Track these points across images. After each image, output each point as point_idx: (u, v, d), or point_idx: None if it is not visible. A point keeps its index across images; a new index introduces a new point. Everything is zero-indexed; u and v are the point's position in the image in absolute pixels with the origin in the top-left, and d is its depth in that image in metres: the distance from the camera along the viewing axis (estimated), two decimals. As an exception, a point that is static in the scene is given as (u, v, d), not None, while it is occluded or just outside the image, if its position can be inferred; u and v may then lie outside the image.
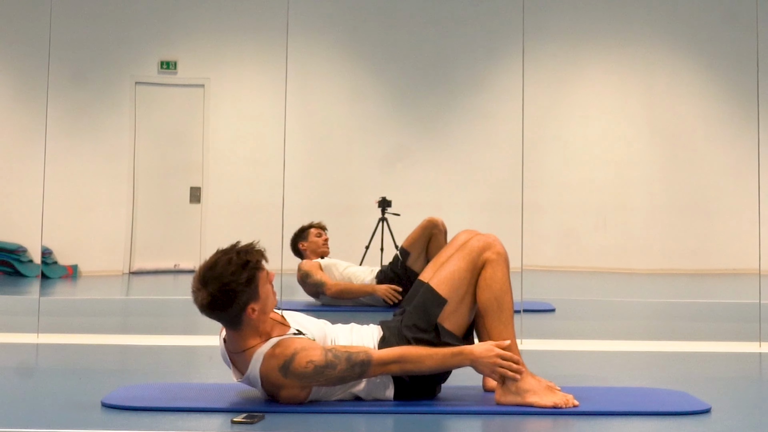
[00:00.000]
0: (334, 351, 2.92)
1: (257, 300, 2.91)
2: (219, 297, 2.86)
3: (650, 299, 7.36)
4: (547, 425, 2.84)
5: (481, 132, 8.93)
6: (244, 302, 2.88)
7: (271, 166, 6.77)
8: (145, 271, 8.74)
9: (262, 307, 2.93)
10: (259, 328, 2.95)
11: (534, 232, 5.93)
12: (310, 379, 2.89)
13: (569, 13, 9.20)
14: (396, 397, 3.03)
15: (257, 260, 2.94)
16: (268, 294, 2.96)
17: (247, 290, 2.88)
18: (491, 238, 3.14)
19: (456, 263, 3.09)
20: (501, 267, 3.08)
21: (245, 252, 2.95)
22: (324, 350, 2.91)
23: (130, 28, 8.95)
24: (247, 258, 2.92)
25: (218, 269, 2.88)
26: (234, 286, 2.86)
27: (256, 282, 2.91)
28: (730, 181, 8.98)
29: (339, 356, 2.90)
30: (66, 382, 3.60)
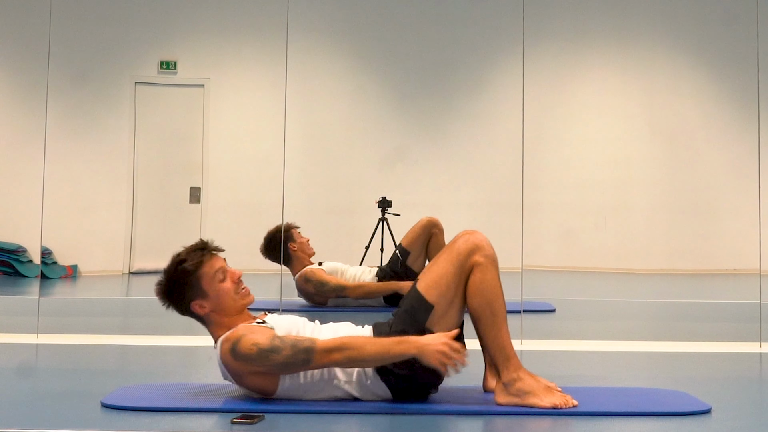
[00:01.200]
0: (282, 338, 2.97)
1: (204, 297, 3.07)
2: (162, 290, 3.12)
3: (650, 299, 7.36)
4: (547, 425, 2.84)
5: (481, 132, 8.93)
6: (188, 298, 3.08)
7: (271, 166, 6.78)
8: (145, 271, 8.73)
9: (216, 304, 3.08)
10: (224, 322, 3.09)
11: (534, 232, 5.93)
12: (255, 361, 2.94)
13: (569, 14, 9.20)
14: (394, 398, 3.02)
15: (196, 262, 3.09)
16: (219, 292, 3.08)
17: (186, 287, 3.07)
18: (478, 239, 3.07)
19: (443, 266, 3.04)
20: (490, 270, 3.02)
21: (188, 252, 3.14)
22: (272, 336, 2.97)
23: (130, 28, 8.95)
24: (184, 257, 3.12)
25: (168, 264, 3.15)
26: (172, 283, 3.09)
27: (194, 280, 3.07)
28: (730, 181, 8.97)
29: (285, 342, 2.95)
30: (66, 382, 3.60)
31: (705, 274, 8.85)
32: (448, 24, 9.04)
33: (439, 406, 3.00)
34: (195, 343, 4.74)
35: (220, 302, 3.09)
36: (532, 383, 2.96)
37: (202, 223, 8.91)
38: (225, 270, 3.15)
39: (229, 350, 2.99)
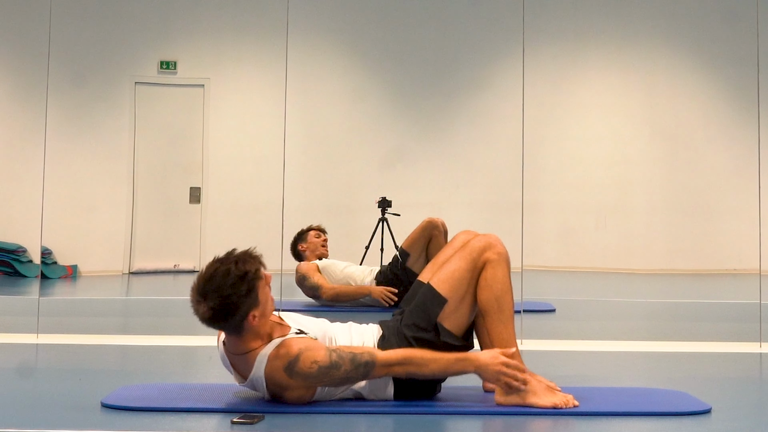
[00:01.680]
0: (339, 351, 2.91)
1: (257, 306, 2.89)
2: (220, 310, 2.84)
3: (650, 299, 7.36)
4: (547, 425, 2.84)
5: (481, 132, 8.93)
6: (245, 311, 2.86)
7: (271, 167, 6.78)
8: (145, 271, 8.74)
9: (262, 312, 2.92)
10: (260, 331, 2.94)
11: (534, 232, 5.93)
12: (315, 379, 2.88)
13: (569, 14, 9.20)
14: (396, 396, 3.03)
15: (256, 269, 2.90)
16: (267, 298, 2.94)
17: (248, 300, 2.86)
18: (492, 238, 3.14)
19: (456, 263, 3.09)
20: (502, 267, 3.08)
21: (243, 261, 2.89)
22: (328, 351, 2.90)
23: (130, 28, 8.96)
24: (246, 268, 2.88)
25: (217, 281, 2.84)
26: (234, 299, 2.84)
27: (255, 290, 2.88)
28: (730, 181, 8.98)
29: (343, 357, 2.90)
30: (66, 382, 3.60)
31: (705, 274, 8.85)
32: (448, 24, 9.04)
33: (440, 407, 3.00)
34: (195, 343, 4.74)
35: (266, 309, 2.93)
36: (533, 383, 2.97)
37: (202, 223, 8.91)
38: (267, 277, 2.98)
39: (282, 368, 2.87)
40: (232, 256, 2.91)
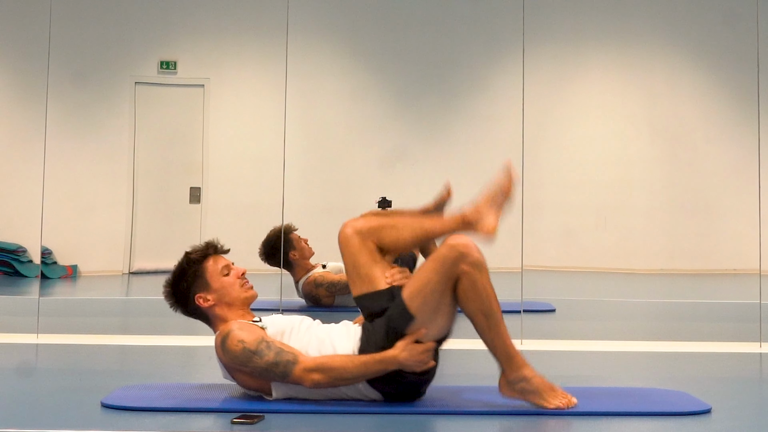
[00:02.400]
0: (270, 343, 2.98)
1: (207, 290, 3.14)
2: (172, 294, 3.22)
3: (650, 299, 7.36)
4: (547, 425, 2.84)
5: (481, 132, 8.93)
6: (192, 293, 3.14)
7: (271, 166, 6.77)
8: (145, 271, 8.74)
9: (218, 297, 3.13)
10: (227, 317, 3.13)
11: (534, 232, 5.93)
12: (238, 359, 2.97)
13: (569, 14, 9.19)
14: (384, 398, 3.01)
15: (200, 256, 3.19)
16: (223, 285, 3.14)
17: (193, 283, 3.15)
18: (463, 245, 3.00)
19: (428, 275, 2.99)
20: (479, 277, 2.97)
21: (192, 251, 3.26)
22: (260, 338, 2.99)
23: (130, 28, 8.95)
24: (189, 256, 3.21)
25: (172, 273, 3.27)
26: (180, 284, 3.18)
27: (199, 274, 3.15)
28: (730, 181, 8.97)
29: (270, 348, 2.97)
30: (66, 382, 3.60)
31: (705, 274, 8.84)
32: (448, 24, 9.03)
33: (439, 407, 3.00)
34: (195, 343, 4.74)
35: (223, 295, 3.14)
36: (538, 383, 2.96)
37: (202, 223, 8.91)
38: (229, 266, 3.21)
39: (219, 343, 3.05)
40: (198, 246, 3.26)
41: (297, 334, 3.07)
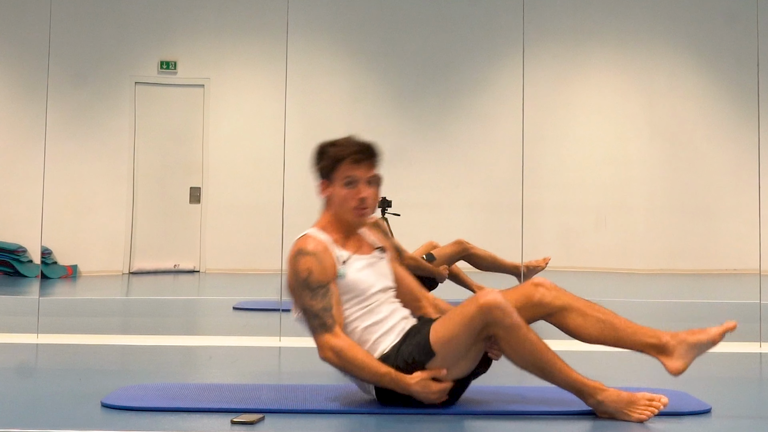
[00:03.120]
0: (329, 294, 2.92)
1: (329, 183, 3.05)
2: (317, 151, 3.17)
3: (650, 299, 7.36)
4: (547, 425, 2.84)
5: (481, 132, 8.93)
6: (320, 172, 3.10)
7: (271, 166, 6.77)
8: (145, 271, 8.74)
9: (331, 197, 3.05)
10: (327, 224, 3.06)
11: (534, 232, 5.93)
12: (294, 280, 2.93)
13: (569, 14, 9.20)
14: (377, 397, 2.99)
15: (344, 153, 3.05)
16: (336, 194, 3.04)
17: (327, 162, 3.08)
18: (494, 308, 2.84)
19: (457, 330, 2.88)
20: (515, 336, 2.85)
21: (348, 139, 3.12)
22: (326, 284, 2.92)
23: (130, 28, 8.96)
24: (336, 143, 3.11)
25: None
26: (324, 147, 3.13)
27: (336, 164, 3.04)
28: (730, 181, 8.98)
29: (324, 298, 2.92)
30: (66, 382, 3.60)
31: (705, 274, 8.85)
32: (448, 24, 9.04)
33: (437, 408, 3.00)
34: (195, 343, 4.74)
35: (333, 203, 3.06)
36: (612, 403, 2.89)
37: (202, 223, 8.92)
38: (358, 182, 3.03)
39: (293, 253, 2.98)
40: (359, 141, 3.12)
41: (363, 302, 2.99)
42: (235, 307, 6.09)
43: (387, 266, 3.09)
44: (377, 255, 3.08)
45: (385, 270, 3.07)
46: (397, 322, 3.01)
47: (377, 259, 3.07)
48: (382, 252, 3.09)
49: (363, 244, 3.08)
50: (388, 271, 3.08)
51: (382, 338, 2.98)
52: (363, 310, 2.99)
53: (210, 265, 8.87)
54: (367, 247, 3.08)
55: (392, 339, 2.98)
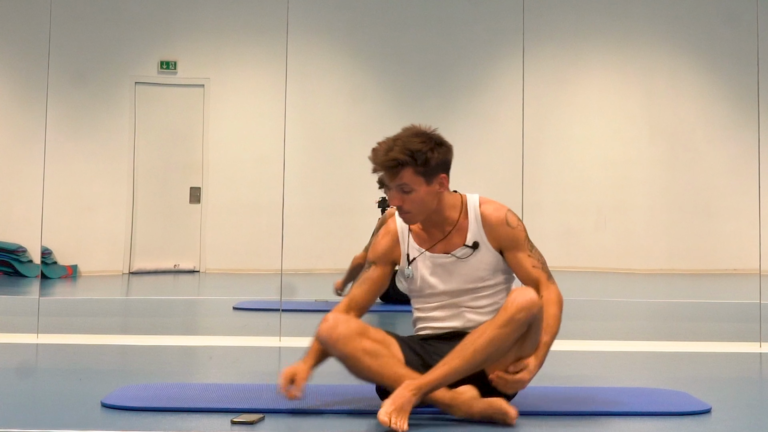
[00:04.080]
0: (368, 273, 3.03)
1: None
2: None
3: (650, 299, 7.36)
4: (547, 425, 2.84)
5: (481, 132, 8.93)
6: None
7: (271, 167, 6.77)
8: (145, 271, 8.74)
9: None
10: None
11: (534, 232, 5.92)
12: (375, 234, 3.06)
13: (569, 14, 9.20)
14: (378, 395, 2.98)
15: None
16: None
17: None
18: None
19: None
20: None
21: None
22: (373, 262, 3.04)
23: (130, 28, 8.96)
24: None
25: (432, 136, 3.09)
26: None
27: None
28: (730, 181, 8.98)
29: (364, 271, 3.06)
30: (66, 382, 3.60)
31: (705, 274, 8.85)
32: (448, 24, 9.04)
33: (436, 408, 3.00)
34: (195, 343, 4.74)
35: (441, 200, 2.99)
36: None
37: (202, 223, 8.92)
38: (390, 188, 2.99)
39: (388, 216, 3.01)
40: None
41: (423, 298, 2.99)
42: (235, 307, 6.09)
43: (474, 264, 2.96)
44: (461, 253, 2.95)
45: (466, 269, 2.96)
46: (447, 325, 2.99)
47: (456, 258, 2.95)
48: (472, 249, 2.96)
49: (449, 238, 2.98)
50: (474, 268, 2.96)
51: (422, 329, 3.03)
52: (420, 304, 3.03)
53: (210, 265, 8.87)
54: (450, 243, 2.98)
55: (430, 332, 3.01)
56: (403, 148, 2.92)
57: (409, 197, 2.91)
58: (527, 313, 2.79)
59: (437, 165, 2.95)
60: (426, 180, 2.92)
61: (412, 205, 2.92)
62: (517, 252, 2.97)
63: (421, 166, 2.91)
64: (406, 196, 2.91)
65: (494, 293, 2.98)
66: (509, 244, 2.98)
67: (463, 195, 3.07)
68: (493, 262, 2.97)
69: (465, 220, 3.00)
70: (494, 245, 2.97)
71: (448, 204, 3.00)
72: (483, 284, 2.97)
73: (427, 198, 2.93)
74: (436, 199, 2.96)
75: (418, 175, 2.91)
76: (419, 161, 2.90)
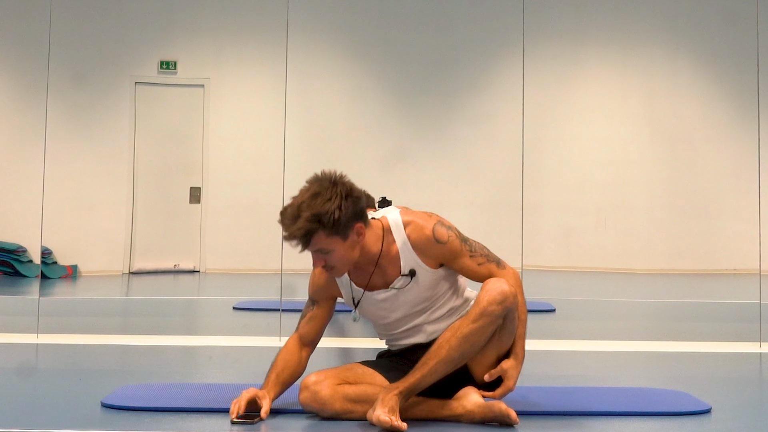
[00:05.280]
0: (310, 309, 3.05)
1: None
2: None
3: (650, 299, 7.36)
4: (547, 425, 2.84)
5: (481, 132, 8.93)
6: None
7: (271, 166, 6.77)
8: (145, 271, 8.74)
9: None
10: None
11: (534, 232, 5.94)
12: None
13: (569, 14, 9.19)
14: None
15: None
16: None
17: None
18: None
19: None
20: None
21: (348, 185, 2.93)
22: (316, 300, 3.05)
23: (130, 28, 8.95)
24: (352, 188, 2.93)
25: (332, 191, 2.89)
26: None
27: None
28: (730, 181, 8.97)
29: (307, 309, 3.07)
30: (66, 382, 3.60)
31: (705, 274, 8.85)
32: (448, 24, 9.04)
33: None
34: (195, 343, 4.74)
35: (364, 245, 2.88)
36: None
37: (202, 223, 8.91)
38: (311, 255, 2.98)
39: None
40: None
41: (381, 327, 3.02)
42: (235, 307, 6.09)
43: (416, 290, 2.93)
44: (399, 284, 2.92)
45: (410, 296, 2.93)
46: (410, 342, 3.02)
47: (396, 290, 2.92)
48: (409, 276, 2.91)
49: (384, 270, 2.93)
50: (417, 293, 2.93)
51: (392, 346, 3.07)
52: (380, 330, 3.07)
53: (210, 265, 8.87)
54: (387, 274, 2.93)
55: (397, 348, 3.05)
56: (309, 215, 2.80)
57: (329, 257, 2.83)
58: (500, 305, 2.80)
59: (348, 220, 2.81)
60: (341, 237, 2.81)
61: (335, 261, 2.84)
62: (458, 260, 2.92)
63: (330, 228, 2.79)
64: (327, 256, 2.83)
65: (446, 300, 2.98)
66: (447, 257, 2.92)
67: (382, 218, 2.95)
68: (434, 280, 2.93)
69: (393, 245, 2.91)
70: (432, 264, 2.91)
71: (372, 242, 2.90)
72: (431, 301, 2.95)
73: (348, 252, 2.84)
74: (358, 248, 2.86)
75: (331, 236, 2.80)
76: (327, 225, 2.78)
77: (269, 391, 2.91)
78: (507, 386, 2.84)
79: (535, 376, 2.92)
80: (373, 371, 2.95)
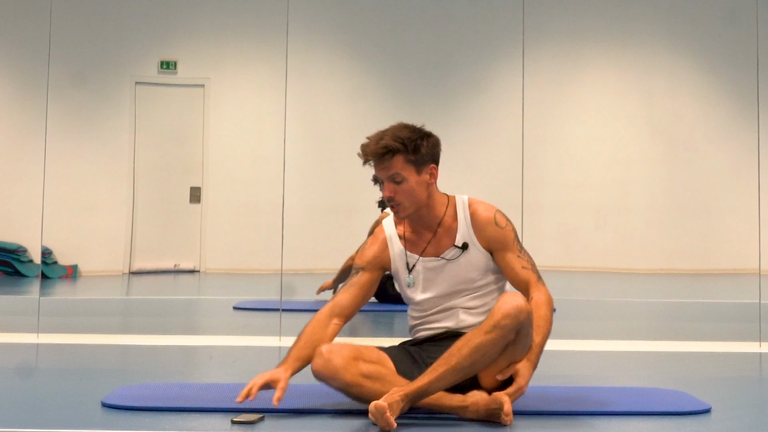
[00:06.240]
0: (355, 279, 3.03)
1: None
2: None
3: (650, 299, 7.36)
4: (547, 425, 2.84)
5: (481, 132, 8.93)
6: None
7: (271, 166, 6.77)
8: (145, 271, 8.74)
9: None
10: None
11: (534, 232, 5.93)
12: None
13: (569, 14, 9.20)
14: None
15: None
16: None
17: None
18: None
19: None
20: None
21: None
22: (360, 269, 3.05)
23: (130, 28, 8.96)
24: None
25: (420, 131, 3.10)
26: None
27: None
28: (730, 181, 8.98)
29: (350, 279, 3.05)
30: (66, 382, 3.60)
31: (705, 274, 8.85)
32: (448, 24, 9.04)
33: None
34: (195, 343, 4.74)
35: (432, 195, 3.00)
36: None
37: (202, 223, 8.91)
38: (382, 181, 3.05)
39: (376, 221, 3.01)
40: None
41: (416, 303, 3.03)
42: (235, 307, 6.09)
43: (464, 265, 2.98)
44: (450, 255, 2.98)
45: (455, 270, 2.98)
46: (441, 326, 3.03)
47: (446, 261, 2.98)
48: (461, 249, 2.97)
49: (439, 240, 3.01)
50: (463, 269, 2.98)
51: (418, 332, 3.07)
52: (415, 308, 3.06)
53: (210, 265, 8.87)
54: (439, 245, 3.00)
55: (426, 334, 3.04)
56: (394, 136, 2.96)
57: (400, 188, 2.93)
58: (513, 320, 2.78)
59: (427, 154, 2.97)
60: (416, 169, 2.95)
61: (404, 195, 2.93)
62: (506, 252, 2.99)
63: (411, 154, 2.94)
64: (398, 186, 2.93)
65: (485, 294, 3.01)
66: (498, 244, 2.99)
67: (451, 196, 3.08)
68: (482, 263, 2.99)
69: (454, 221, 3.02)
70: (484, 245, 2.99)
71: (438, 201, 3.02)
72: (473, 285, 2.99)
73: (418, 188, 2.95)
74: (427, 192, 2.98)
75: (408, 163, 2.94)
76: (410, 148, 2.94)
77: (287, 368, 2.87)
78: (518, 384, 2.82)
79: (535, 376, 2.92)
80: (387, 356, 2.95)
